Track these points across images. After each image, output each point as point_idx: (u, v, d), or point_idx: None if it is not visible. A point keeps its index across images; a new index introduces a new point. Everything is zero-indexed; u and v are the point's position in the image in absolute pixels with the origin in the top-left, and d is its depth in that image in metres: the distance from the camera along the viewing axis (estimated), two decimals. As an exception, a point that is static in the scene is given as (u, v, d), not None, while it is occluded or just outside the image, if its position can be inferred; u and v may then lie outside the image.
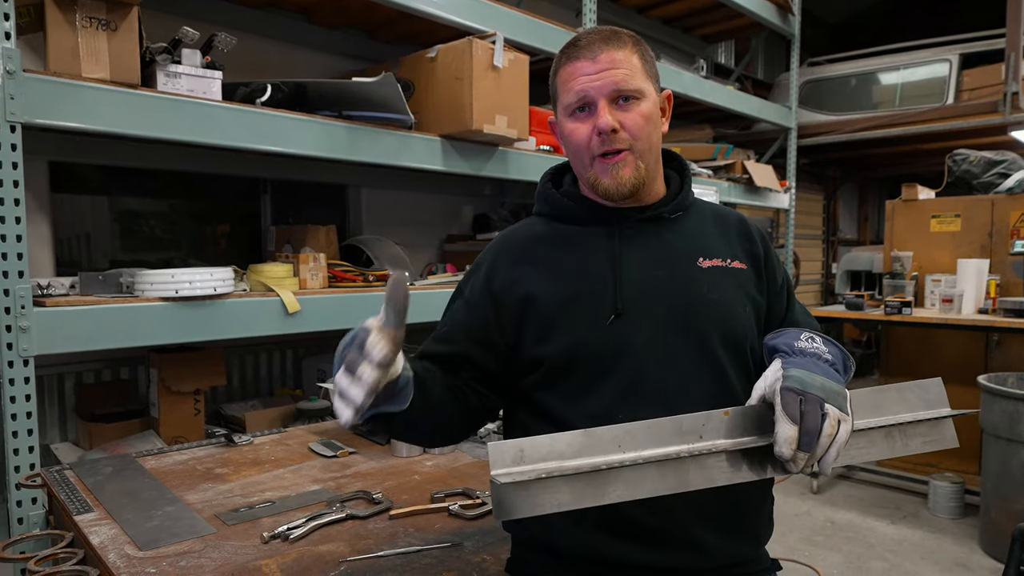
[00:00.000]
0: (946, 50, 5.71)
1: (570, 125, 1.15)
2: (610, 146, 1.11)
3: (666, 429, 0.92)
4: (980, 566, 3.21)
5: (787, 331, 1.05)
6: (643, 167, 1.13)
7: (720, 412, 0.94)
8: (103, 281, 2.08)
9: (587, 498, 0.88)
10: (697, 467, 0.92)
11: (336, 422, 2.25)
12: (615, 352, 1.08)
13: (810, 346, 1.00)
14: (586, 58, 1.12)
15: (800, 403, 0.89)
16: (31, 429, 1.78)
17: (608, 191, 1.13)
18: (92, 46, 1.88)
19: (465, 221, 4.04)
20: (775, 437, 0.89)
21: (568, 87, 1.14)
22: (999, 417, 3.19)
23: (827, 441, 0.88)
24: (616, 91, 1.11)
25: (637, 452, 0.90)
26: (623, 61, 1.11)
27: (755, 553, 1.16)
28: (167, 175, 2.99)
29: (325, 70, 3.20)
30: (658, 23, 5.17)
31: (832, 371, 0.96)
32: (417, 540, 1.32)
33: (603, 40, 1.13)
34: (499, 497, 0.85)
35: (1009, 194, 4.16)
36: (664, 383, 1.07)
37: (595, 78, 1.11)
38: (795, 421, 0.88)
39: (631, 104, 1.12)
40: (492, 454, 0.86)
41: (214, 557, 1.23)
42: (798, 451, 0.88)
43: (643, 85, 1.13)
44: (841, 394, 0.92)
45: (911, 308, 3.99)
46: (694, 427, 0.93)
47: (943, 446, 1.02)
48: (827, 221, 8.41)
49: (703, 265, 1.15)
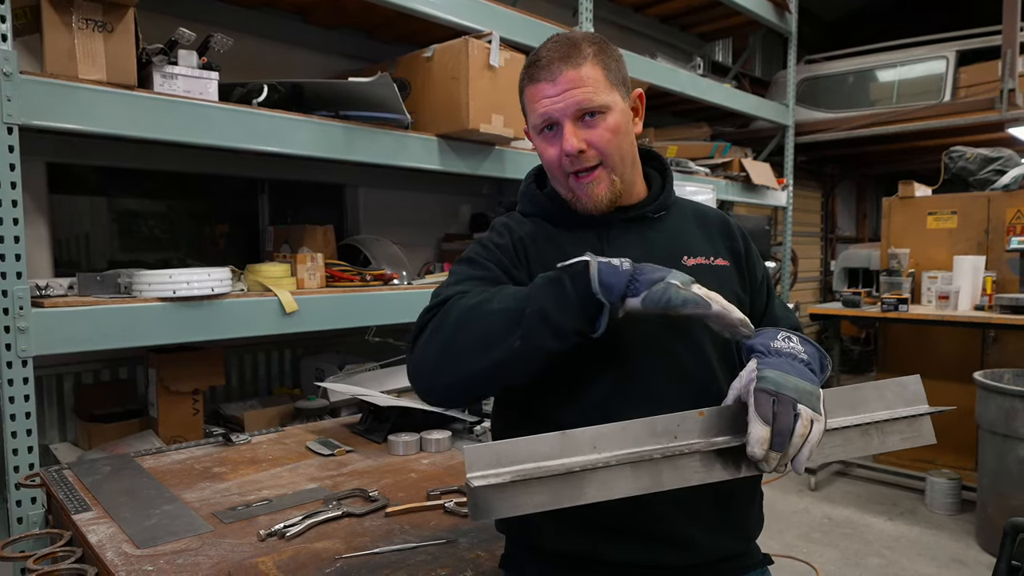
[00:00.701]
0: (943, 47, 5.72)
1: (540, 143, 1.16)
2: (580, 165, 1.12)
3: (641, 430, 0.93)
4: (977, 562, 3.23)
5: (764, 330, 1.05)
6: (618, 179, 1.15)
7: (695, 413, 0.95)
8: (101, 282, 2.09)
9: (563, 499, 0.89)
10: (671, 467, 0.93)
11: (334, 421, 2.27)
12: (604, 352, 1.09)
13: (786, 346, 1.01)
14: (546, 80, 1.11)
15: (773, 404, 0.90)
16: (30, 429, 1.79)
17: (586, 209, 1.15)
18: (88, 48, 1.89)
19: (463, 220, 4.05)
20: (748, 437, 0.90)
21: (532, 108, 1.14)
22: (995, 413, 3.20)
23: (799, 441, 0.90)
24: (579, 111, 1.11)
25: (611, 453, 0.91)
26: (584, 78, 1.10)
27: (745, 548, 1.17)
28: (165, 176, 2.99)
29: (322, 70, 3.21)
30: (655, 21, 5.17)
31: (807, 371, 0.97)
32: (412, 537, 1.34)
33: (562, 58, 1.11)
34: (475, 499, 0.86)
35: (1005, 191, 4.17)
36: (653, 381, 1.08)
37: (557, 100, 1.10)
38: (767, 422, 0.89)
39: (597, 120, 1.11)
40: (468, 457, 0.87)
41: (211, 555, 1.25)
42: (770, 451, 0.89)
43: (607, 99, 1.12)
44: (814, 394, 0.93)
45: (908, 305, 4.00)
46: (669, 428, 0.94)
47: (921, 443, 1.04)
48: (825, 218, 8.42)
49: (687, 263, 1.17)
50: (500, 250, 1.17)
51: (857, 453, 1.01)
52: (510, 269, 1.15)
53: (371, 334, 3.12)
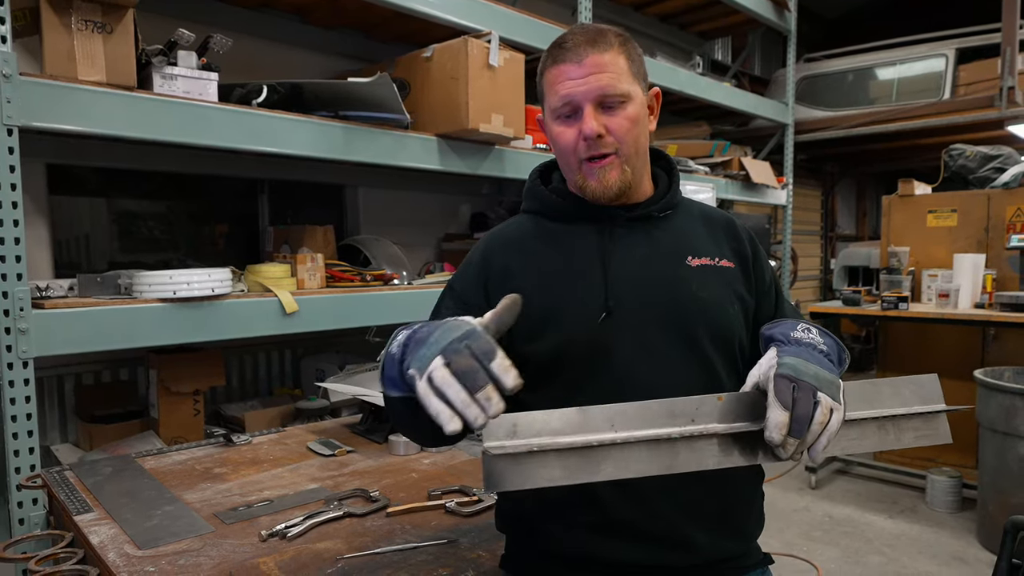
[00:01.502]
0: (942, 45, 5.72)
1: (557, 128, 1.15)
2: (596, 151, 1.11)
3: (659, 410, 0.92)
4: (977, 559, 3.23)
5: (784, 321, 1.06)
6: (629, 170, 1.14)
7: (714, 397, 0.94)
8: (101, 283, 2.09)
9: (579, 474, 0.88)
10: (688, 449, 0.92)
11: (334, 422, 2.26)
12: (605, 351, 1.09)
13: (806, 336, 1.01)
14: (572, 61, 1.11)
15: (793, 390, 0.89)
16: (31, 431, 1.79)
17: (595, 194, 1.14)
18: (88, 49, 1.89)
19: (463, 220, 4.05)
20: (766, 422, 0.89)
21: (554, 90, 1.13)
22: (996, 411, 3.20)
23: (818, 428, 0.88)
24: (602, 96, 1.10)
25: (629, 432, 0.91)
26: (609, 64, 1.10)
27: (745, 548, 1.17)
28: (164, 176, 3.00)
29: (321, 70, 3.21)
30: (654, 20, 5.17)
31: (827, 361, 0.97)
32: (413, 537, 1.34)
33: (589, 42, 1.11)
34: (490, 468, 0.85)
35: (1005, 188, 4.17)
36: (654, 381, 1.08)
37: (581, 83, 1.10)
38: (787, 407, 0.88)
39: (617, 108, 1.11)
40: (488, 426, 0.85)
41: (212, 555, 1.25)
42: (788, 437, 0.88)
43: (629, 88, 1.12)
44: (834, 383, 0.92)
45: (908, 303, 4.00)
46: (687, 410, 0.93)
47: (936, 441, 1.02)
48: (825, 217, 8.42)
49: (692, 264, 1.16)
50: (459, 299, 1.19)
51: (872, 448, 1.00)
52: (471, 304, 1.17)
53: (372, 334, 3.12)
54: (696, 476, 1.08)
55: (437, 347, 0.84)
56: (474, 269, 1.21)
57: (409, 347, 0.90)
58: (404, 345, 0.92)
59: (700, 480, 1.08)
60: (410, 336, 0.93)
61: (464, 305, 1.18)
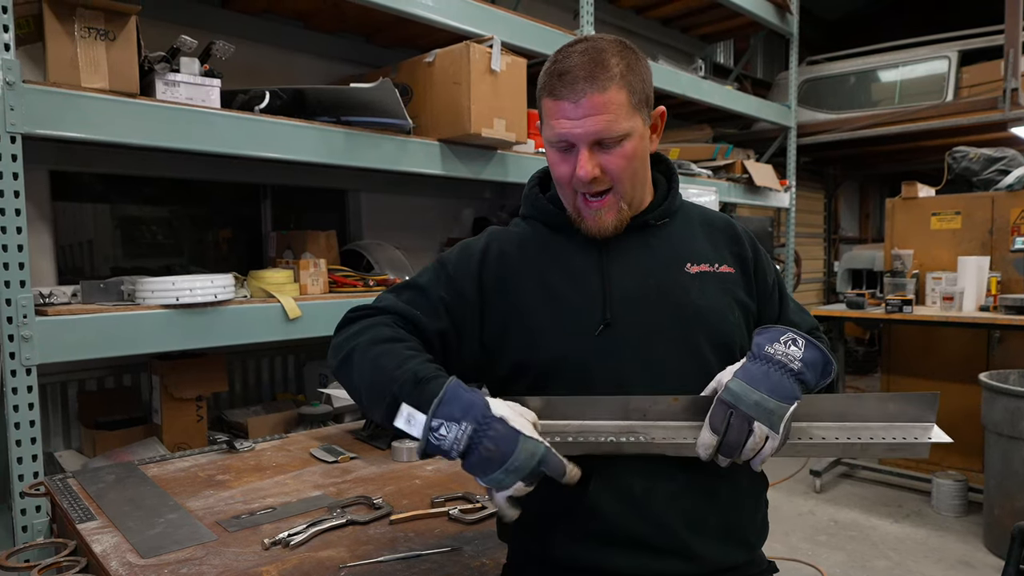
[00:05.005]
0: (945, 47, 5.70)
1: (553, 156, 1.13)
2: (591, 189, 1.10)
3: (615, 405, 1.04)
4: (984, 564, 3.21)
5: (772, 329, 1.05)
6: (626, 207, 1.14)
7: (669, 398, 1.03)
8: (104, 289, 2.09)
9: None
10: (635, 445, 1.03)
11: (337, 427, 2.26)
12: (604, 361, 1.09)
13: (782, 350, 1.00)
14: (568, 100, 1.06)
15: (729, 416, 0.96)
16: (34, 438, 1.79)
17: (589, 232, 1.14)
18: (91, 56, 1.89)
19: (465, 224, 4.05)
20: (697, 439, 0.99)
21: (550, 124, 1.10)
22: (1001, 415, 3.19)
23: (750, 453, 0.97)
24: (598, 138, 1.07)
25: (583, 421, 1.04)
26: (608, 104, 1.05)
27: (748, 558, 1.16)
28: (167, 182, 3.00)
29: (323, 76, 3.22)
30: (656, 23, 5.17)
31: (786, 383, 0.97)
32: (417, 545, 1.33)
33: (587, 78, 1.05)
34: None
35: (1009, 191, 4.16)
36: (654, 390, 1.07)
37: (576, 124, 1.06)
38: (716, 432, 0.97)
39: (614, 147, 1.08)
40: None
41: (215, 564, 1.24)
42: (719, 455, 0.98)
43: (627, 126, 1.07)
44: (776, 413, 0.96)
45: (912, 306, 3.98)
46: (641, 407, 1.04)
47: (911, 455, 1.03)
48: (828, 219, 8.40)
49: (691, 271, 1.16)
50: (451, 282, 1.17)
51: (835, 455, 1.10)
52: (451, 307, 1.15)
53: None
54: (700, 486, 1.07)
55: (518, 475, 0.91)
56: (474, 261, 1.18)
57: (455, 433, 0.92)
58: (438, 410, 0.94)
59: (704, 490, 1.08)
60: (446, 402, 0.94)
61: (455, 293, 1.15)
